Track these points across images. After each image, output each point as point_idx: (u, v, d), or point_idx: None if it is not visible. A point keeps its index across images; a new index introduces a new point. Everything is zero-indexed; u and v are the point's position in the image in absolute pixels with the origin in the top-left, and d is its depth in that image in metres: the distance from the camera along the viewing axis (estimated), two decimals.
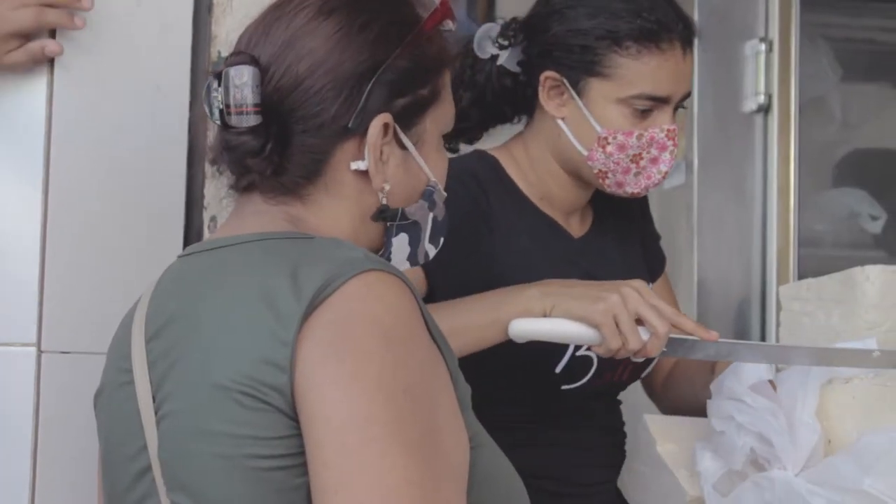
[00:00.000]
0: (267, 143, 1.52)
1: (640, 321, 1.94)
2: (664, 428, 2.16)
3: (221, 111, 1.52)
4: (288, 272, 1.42)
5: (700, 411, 2.11)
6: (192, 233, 2.17)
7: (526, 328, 1.95)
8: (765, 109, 3.19)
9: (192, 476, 1.43)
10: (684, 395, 2.29)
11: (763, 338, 3.20)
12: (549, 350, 2.09)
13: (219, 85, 1.52)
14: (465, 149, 2.32)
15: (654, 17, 2.13)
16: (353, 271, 1.41)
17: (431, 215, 1.62)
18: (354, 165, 1.55)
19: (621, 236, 2.34)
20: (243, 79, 1.51)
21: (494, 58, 2.23)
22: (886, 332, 2.06)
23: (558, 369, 2.12)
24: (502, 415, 2.08)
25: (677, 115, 2.20)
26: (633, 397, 2.43)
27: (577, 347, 2.12)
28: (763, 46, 3.16)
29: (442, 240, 1.67)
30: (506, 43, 2.22)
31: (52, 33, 2.03)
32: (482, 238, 2.14)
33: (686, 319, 1.96)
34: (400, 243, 1.59)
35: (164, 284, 1.57)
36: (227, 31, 2.13)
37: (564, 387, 2.15)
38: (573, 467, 2.23)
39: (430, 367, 1.43)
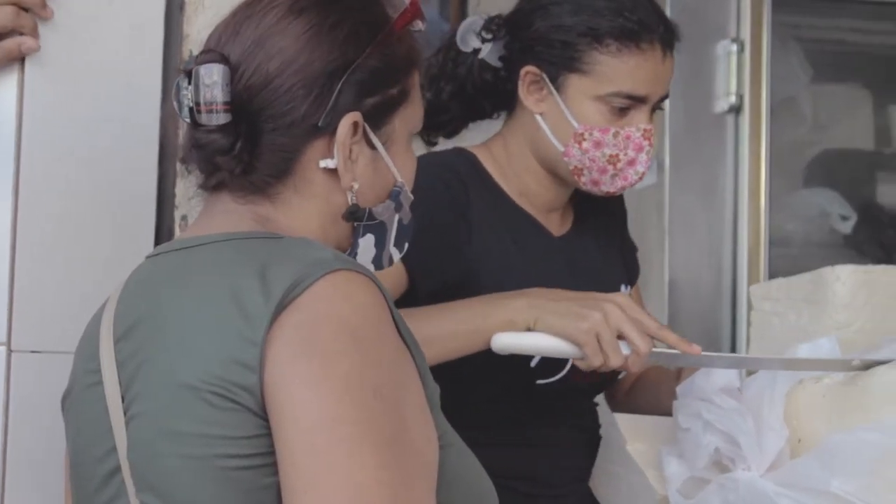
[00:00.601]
0: (236, 142, 1.51)
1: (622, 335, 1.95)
2: (634, 427, 2.17)
3: (191, 109, 1.52)
4: (257, 272, 1.42)
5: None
6: (162, 232, 2.16)
7: (508, 342, 1.97)
8: (736, 110, 3.21)
9: (161, 476, 1.43)
10: (648, 401, 2.31)
11: (734, 336, 3.22)
12: None
13: (189, 83, 1.51)
14: (443, 144, 2.33)
15: (635, 16, 2.15)
16: (322, 271, 1.41)
17: (397, 217, 1.62)
18: (323, 164, 1.55)
19: (601, 239, 2.35)
20: (213, 77, 1.51)
21: (476, 51, 2.25)
22: (856, 332, 2.07)
23: (533, 363, 2.13)
24: (478, 413, 2.09)
25: (654, 115, 2.21)
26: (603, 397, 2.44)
27: None
28: (734, 47, 3.18)
29: (407, 245, 1.67)
30: (489, 37, 2.24)
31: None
32: (461, 233, 2.15)
33: (669, 333, 1.98)
34: (366, 245, 1.59)
35: (132, 285, 1.56)
36: (198, 30, 2.13)
37: (540, 381, 2.15)
38: (548, 468, 2.23)
39: (398, 366, 1.43)
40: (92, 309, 1.64)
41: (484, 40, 2.24)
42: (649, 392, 2.30)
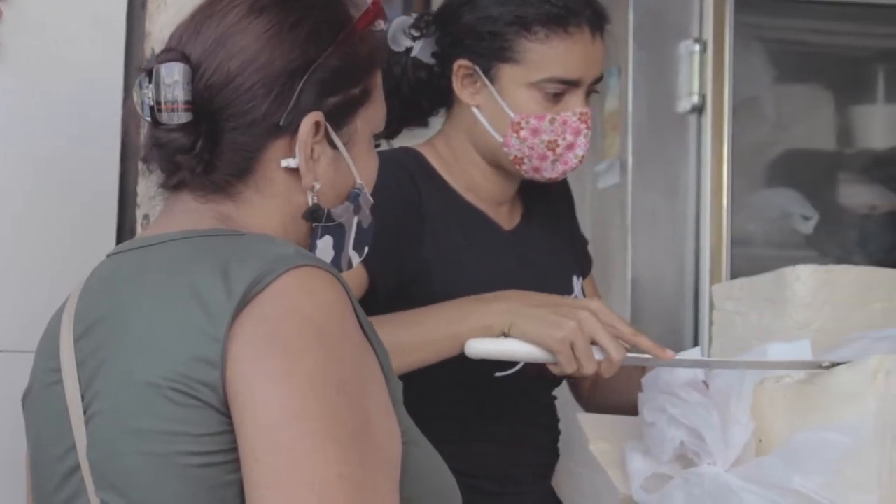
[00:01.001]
0: (197, 141, 1.51)
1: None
2: (597, 427, 2.17)
3: (152, 108, 1.51)
4: (218, 269, 1.42)
5: (627, 412, 2.13)
6: (124, 230, 2.15)
7: (482, 348, 1.98)
8: (699, 109, 3.21)
9: (122, 474, 1.43)
10: (614, 395, 2.31)
11: (696, 336, 3.22)
12: None
13: (150, 82, 1.51)
14: (385, 146, 2.32)
15: (561, 2, 2.17)
16: (285, 267, 1.41)
17: (356, 219, 1.62)
18: (285, 163, 1.54)
19: (551, 231, 2.36)
20: (174, 76, 1.50)
21: (409, 50, 2.25)
22: (817, 332, 2.08)
23: None
24: (438, 409, 2.09)
25: (590, 99, 2.22)
26: (566, 394, 2.44)
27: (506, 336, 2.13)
28: (697, 47, 3.18)
29: (367, 249, 1.67)
30: (418, 34, 2.25)
31: None
32: (415, 232, 2.15)
33: (643, 338, 1.99)
34: (325, 246, 1.59)
35: (93, 283, 1.56)
36: (161, 28, 2.13)
37: (498, 374, 2.15)
38: (511, 465, 2.24)
39: (362, 362, 1.43)
40: (53, 308, 1.63)
41: (414, 38, 2.25)
42: (615, 386, 2.31)
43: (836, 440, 1.78)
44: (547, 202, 2.36)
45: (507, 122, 2.17)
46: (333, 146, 1.57)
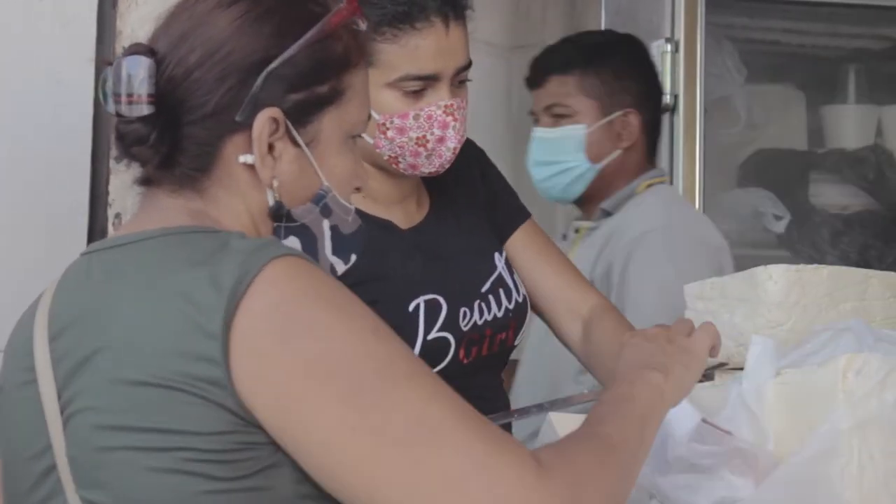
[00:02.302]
0: (152, 132, 1.51)
1: None
2: (570, 426, 2.16)
3: (115, 101, 1.51)
4: (201, 265, 1.41)
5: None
6: (96, 230, 2.15)
7: None
8: (671, 109, 3.22)
9: (108, 472, 1.42)
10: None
11: None
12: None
13: (114, 75, 1.51)
14: None
15: None
16: (268, 257, 1.41)
17: (327, 223, 1.61)
18: (242, 159, 1.53)
19: (462, 212, 2.32)
20: (137, 69, 1.50)
21: None
22: (788, 332, 2.08)
23: (416, 351, 2.10)
24: None
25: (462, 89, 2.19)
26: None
27: (428, 330, 2.13)
28: (669, 47, 3.19)
29: (354, 256, 1.66)
30: None
31: None
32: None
33: None
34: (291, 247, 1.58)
35: (66, 282, 1.55)
36: (132, 27, 2.12)
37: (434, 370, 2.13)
38: None
39: (369, 312, 1.44)
40: (22, 307, 1.62)
41: None
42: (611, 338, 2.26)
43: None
44: (455, 184, 2.32)
45: (373, 125, 2.14)
46: (297, 144, 1.57)
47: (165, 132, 1.51)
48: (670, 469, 1.86)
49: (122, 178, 1.63)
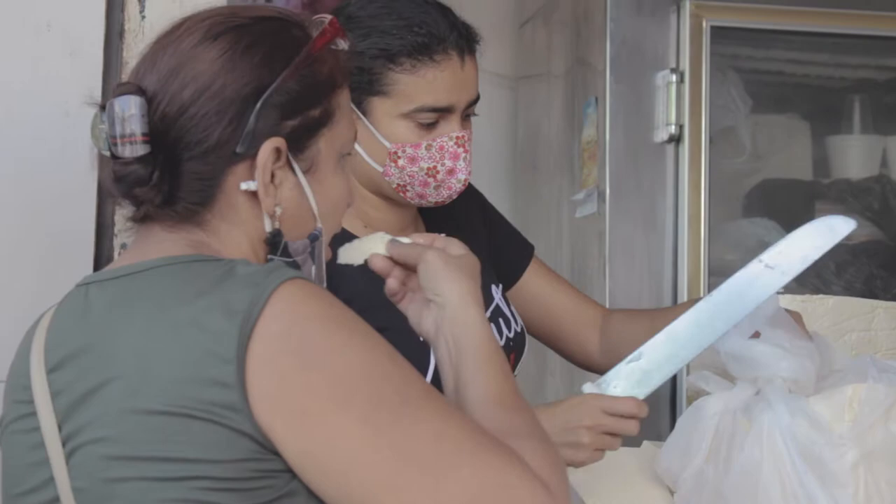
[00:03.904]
0: (153, 172, 1.51)
1: None
2: (591, 487, 2.15)
3: (109, 143, 1.51)
4: (210, 294, 1.41)
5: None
6: (101, 260, 2.15)
7: None
8: (676, 139, 3.22)
9: (120, 502, 1.41)
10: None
11: None
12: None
13: (106, 116, 1.51)
14: None
15: (424, 30, 2.15)
16: (277, 281, 1.41)
17: (313, 268, 1.61)
18: (245, 185, 1.54)
19: None
20: (130, 109, 1.50)
21: None
22: None
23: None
24: None
25: (467, 122, 2.21)
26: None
27: None
28: (674, 77, 3.19)
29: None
30: None
31: None
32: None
33: (643, 405, 1.99)
34: None
35: (63, 314, 1.54)
36: (138, 58, 2.12)
37: None
38: None
39: (379, 337, 1.45)
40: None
41: None
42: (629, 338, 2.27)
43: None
44: (452, 218, 2.34)
45: (384, 152, 2.16)
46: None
47: (166, 170, 1.51)
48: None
49: (129, 209, 1.62)
